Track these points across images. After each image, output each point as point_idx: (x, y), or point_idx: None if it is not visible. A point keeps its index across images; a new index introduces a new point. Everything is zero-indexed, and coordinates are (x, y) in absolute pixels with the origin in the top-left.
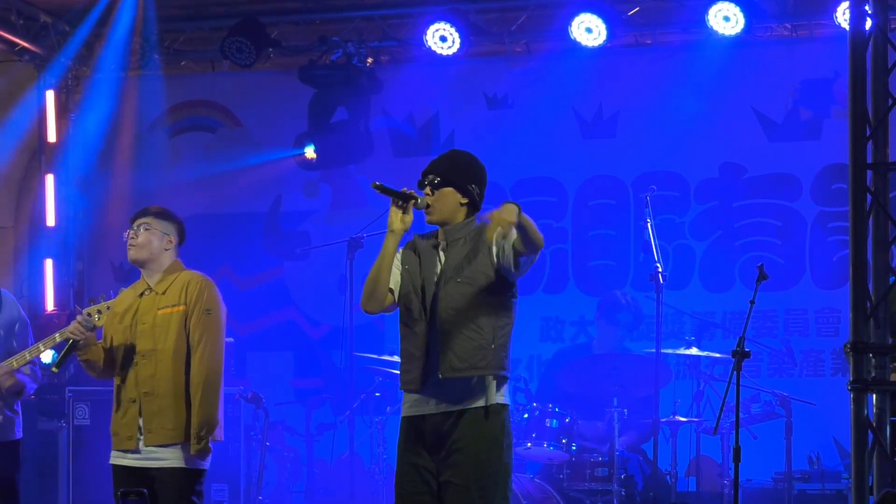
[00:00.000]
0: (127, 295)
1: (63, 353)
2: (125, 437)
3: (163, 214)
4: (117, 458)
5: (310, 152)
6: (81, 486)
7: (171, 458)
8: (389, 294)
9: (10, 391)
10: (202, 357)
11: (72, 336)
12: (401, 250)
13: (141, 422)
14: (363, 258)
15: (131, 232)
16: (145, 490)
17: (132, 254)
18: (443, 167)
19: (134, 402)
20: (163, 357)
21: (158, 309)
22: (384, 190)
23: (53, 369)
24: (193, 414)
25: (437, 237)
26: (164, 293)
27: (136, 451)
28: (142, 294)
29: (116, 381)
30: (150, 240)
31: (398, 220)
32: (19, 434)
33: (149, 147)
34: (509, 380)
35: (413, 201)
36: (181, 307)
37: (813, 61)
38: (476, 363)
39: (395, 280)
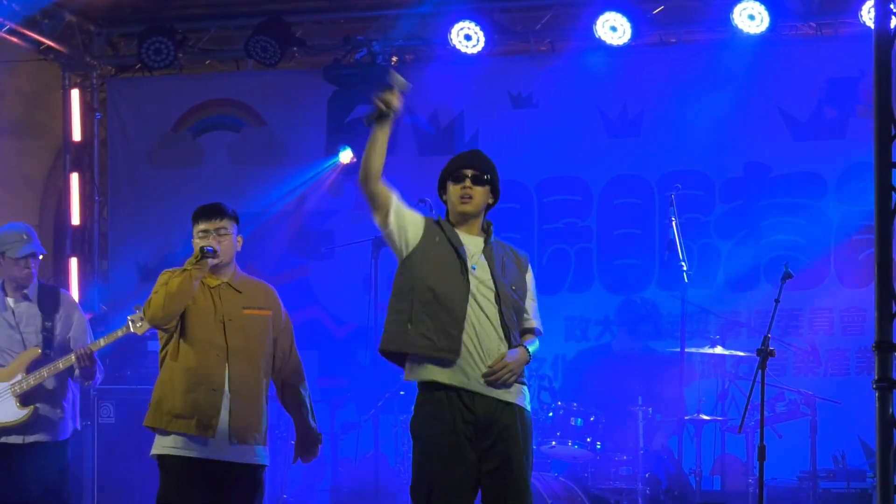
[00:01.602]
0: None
1: (206, 251)
2: (202, 424)
3: (234, 216)
4: (183, 449)
5: (346, 156)
6: (108, 484)
7: (257, 455)
8: (385, 189)
9: (83, 373)
10: (299, 367)
11: (208, 244)
12: (425, 219)
13: (224, 415)
14: (388, 257)
15: (213, 236)
16: None
17: (220, 260)
18: (483, 165)
19: (215, 391)
20: (254, 358)
21: (244, 308)
22: (381, 114)
23: (206, 252)
24: (307, 424)
25: (454, 227)
26: (244, 293)
27: (206, 442)
28: (218, 287)
29: (184, 365)
30: (231, 245)
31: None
32: (67, 434)
33: (173, 146)
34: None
35: (390, 92)
36: (268, 311)
37: (838, 60)
38: (521, 376)
39: (414, 221)
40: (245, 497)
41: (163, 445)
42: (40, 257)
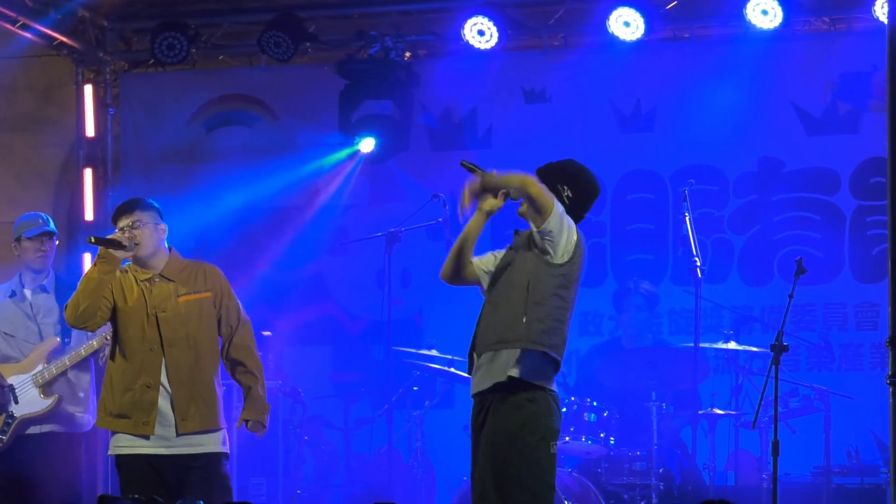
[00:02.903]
0: (124, 279)
1: (105, 240)
2: (140, 422)
3: (150, 207)
4: (135, 447)
5: (366, 145)
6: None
7: (209, 443)
8: (471, 266)
9: None
10: (250, 340)
11: (119, 238)
12: (508, 248)
13: (166, 408)
14: (401, 252)
15: (126, 233)
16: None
17: (139, 253)
18: (545, 167)
19: (149, 387)
20: (196, 344)
21: (178, 296)
22: (472, 169)
23: (91, 239)
24: (259, 398)
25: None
26: (177, 280)
27: (150, 438)
28: (148, 280)
29: (121, 364)
30: (152, 235)
31: (488, 201)
32: (85, 427)
33: (186, 141)
34: (551, 360)
35: (505, 192)
36: (208, 294)
37: (851, 55)
38: (503, 336)
39: (494, 264)
40: (204, 487)
41: (115, 445)
42: (56, 243)
